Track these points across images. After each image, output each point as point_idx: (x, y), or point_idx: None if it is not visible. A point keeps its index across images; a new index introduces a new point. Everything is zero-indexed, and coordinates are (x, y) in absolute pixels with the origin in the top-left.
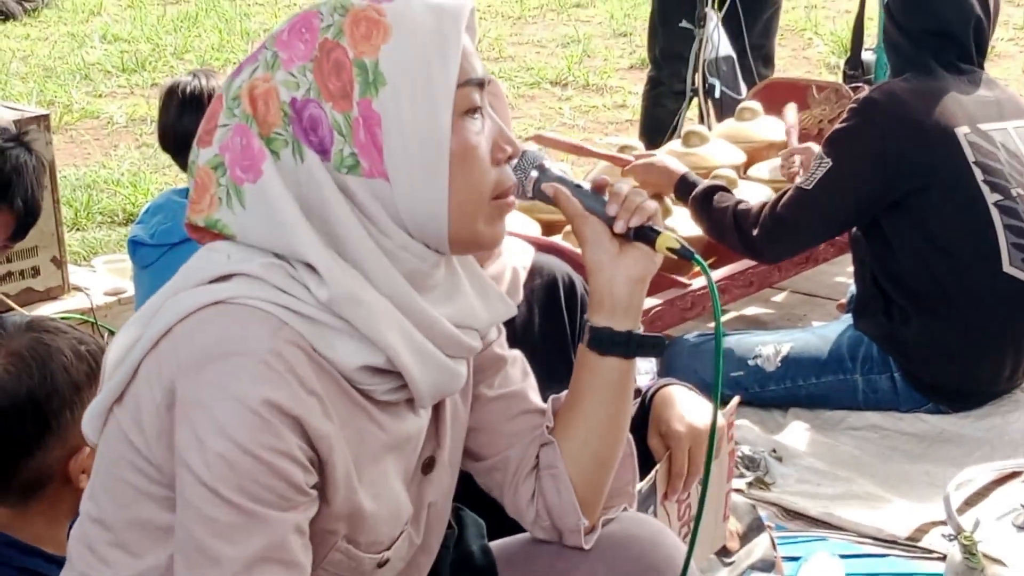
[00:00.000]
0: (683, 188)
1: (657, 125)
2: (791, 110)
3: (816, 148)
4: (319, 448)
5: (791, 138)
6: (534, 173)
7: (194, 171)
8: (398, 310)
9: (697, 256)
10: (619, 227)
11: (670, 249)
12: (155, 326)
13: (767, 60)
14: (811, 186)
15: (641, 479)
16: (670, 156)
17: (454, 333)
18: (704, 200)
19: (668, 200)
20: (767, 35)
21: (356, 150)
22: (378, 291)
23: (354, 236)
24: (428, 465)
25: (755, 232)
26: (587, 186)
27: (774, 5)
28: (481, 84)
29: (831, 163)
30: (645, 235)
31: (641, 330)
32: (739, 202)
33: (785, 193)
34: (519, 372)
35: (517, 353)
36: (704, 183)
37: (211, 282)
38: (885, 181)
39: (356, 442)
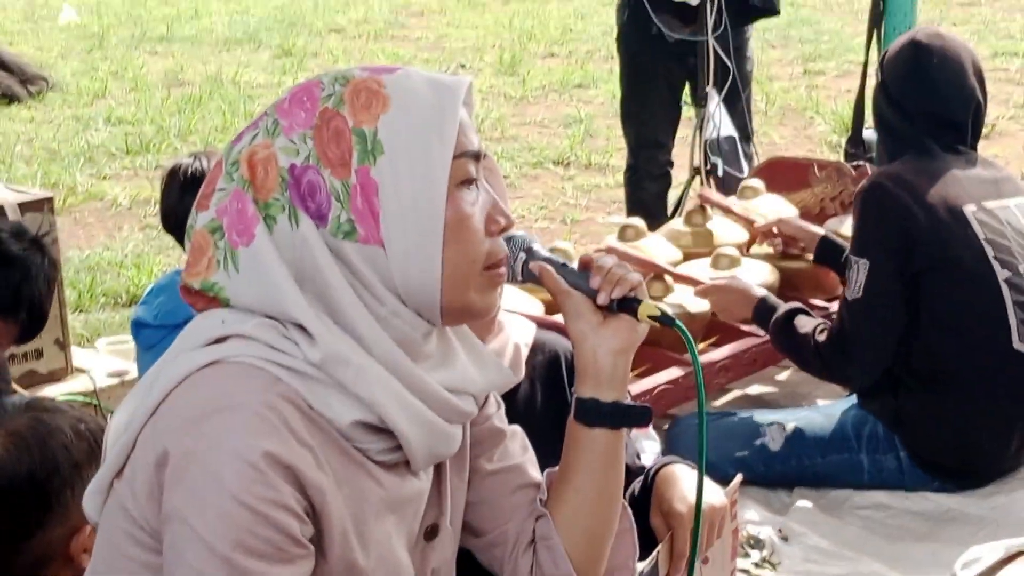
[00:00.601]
0: (762, 312)
1: (642, 208)
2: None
3: (793, 221)
4: (313, 498)
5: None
6: (522, 256)
7: (191, 235)
8: (390, 373)
9: (679, 323)
10: (602, 299)
11: (651, 317)
12: (153, 394)
13: (748, 138)
14: (861, 293)
15: (644, 559)
16: (746, 280)
17: (447, 397)
18: (785, 325)
19: (668, 279)
20: (745, 116)
21: (353, 216)
22: (370, 355)
23: (347, 301)
24: (431, 532)
25: (833, 358)
26: (574, 264)
27: (748, 85)
28: (477, 156)
29: (868, 262)
30: (627, 305)
31: (628, 400)
32: (818, 327)
33: (844, 313)
34: (519, 446)
35: (517, 428)
36: (784, 307)
37: (206, 345)
38: (911, 261)
39: (357, 500)
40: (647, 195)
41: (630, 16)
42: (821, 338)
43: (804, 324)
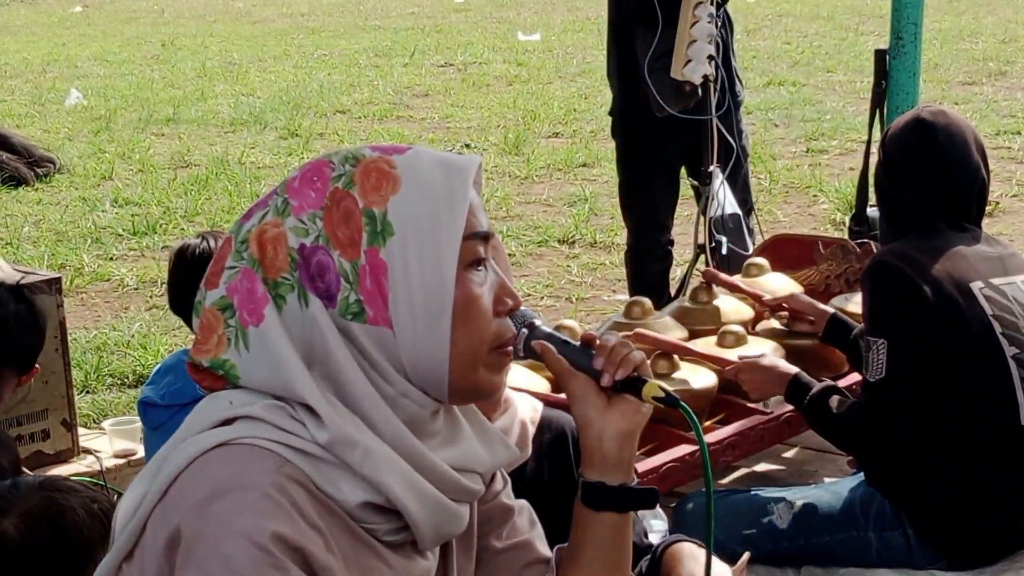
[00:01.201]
0: (795, 391)
1: (645, 288)
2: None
3: (802, 297)
4: None
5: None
6: (524, 331)
7: (199, 311)
8: (398, 454)
9: (682, 404)
10: (605, 380)
11: (656, 398)
12: (161, 477)
13: (750, 211)
14: (884, 373)
15: None
16: (778, 357)
17: (455, 477)
18: (820, 404)
19: (675, 357)
20: (747, 190)
21: (362, 297)
22: (378, 435)
23: (355, 382)
24: None
25: (870, 440)
26: (577, 342)
27: (747, 158)
28: (486, 237)
29: (886, 341)
30: (631, 385)
31: (634, 482)
32: (851, 408)
33: (871, 396)
34: (526, 522)
35: (524, 503)
36: (818, 386)
37: (214, 427)
38: (922, 337)
39: None
40: (650, 275)
41: (624, 100)
42: (856, 421)
43: (838, 404)
